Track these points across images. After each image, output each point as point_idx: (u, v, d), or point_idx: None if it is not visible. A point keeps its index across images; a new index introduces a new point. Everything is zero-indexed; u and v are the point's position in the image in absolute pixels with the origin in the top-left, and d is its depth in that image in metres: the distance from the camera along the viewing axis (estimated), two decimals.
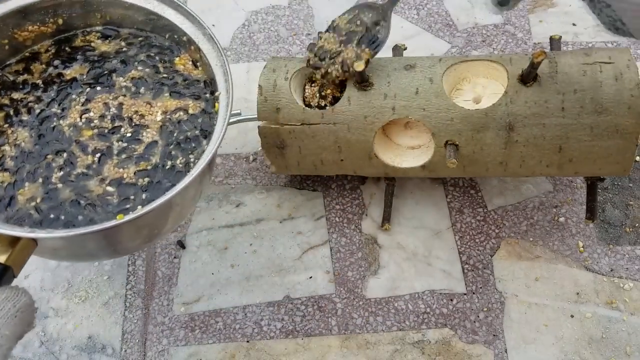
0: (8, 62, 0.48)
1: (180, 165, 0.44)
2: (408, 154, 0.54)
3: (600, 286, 0.56)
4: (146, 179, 0.43)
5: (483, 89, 0.53)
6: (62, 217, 0.40)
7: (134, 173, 0.43)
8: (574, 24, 0.72)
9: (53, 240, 0.37)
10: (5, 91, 0.46)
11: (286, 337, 0.55)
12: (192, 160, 0.44)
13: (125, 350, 0.55)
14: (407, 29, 0.72)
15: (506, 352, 0.53)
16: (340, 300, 0.56)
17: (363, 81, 0.50)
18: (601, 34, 0.71)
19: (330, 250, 0.59)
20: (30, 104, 0.46)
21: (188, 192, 0.42)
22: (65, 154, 0.43)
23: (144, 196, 0.42)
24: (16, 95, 0.46)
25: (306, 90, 0.54)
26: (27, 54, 0.48)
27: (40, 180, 0.42)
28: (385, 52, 0.54)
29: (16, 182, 0.41)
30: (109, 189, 0.42)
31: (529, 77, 0.48)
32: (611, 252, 0.57)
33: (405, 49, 0.58)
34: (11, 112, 0.45)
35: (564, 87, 0.49)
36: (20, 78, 0.47)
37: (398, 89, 0.51)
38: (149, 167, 0.43)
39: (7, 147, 0.43)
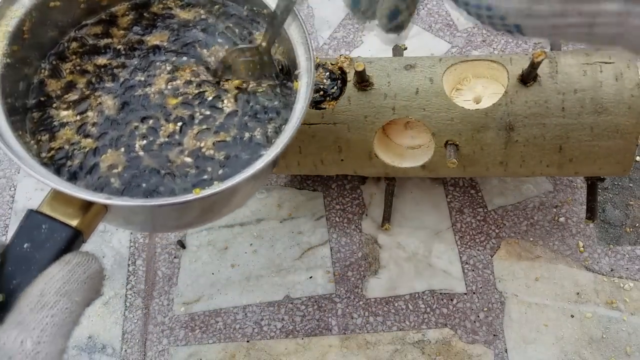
0: (84, 23, 0.46)
1: (259, 137, 0.42)
2: (408, 153, 0.54)
3: (601, 286, 0.56)
4: (222, 153, 0.41)
5: (483, 89, 0.52)
6: (144, 185, 0.39)
7: (213, 144, 0.41)
8: None
9: (125, 208, 0.37)
10: (89, 56, 0.45)
11: (286, 337, 0.55)
12: (269, 131, 0.42)
13: (126, 350, 0.55)
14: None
15: (506, 352, 0.53)
16: (340, 300, 0.56)
17: (363, 81, 0.50)
18: None
19: (331, 250, 0.59)
20: (115, 70, 0.44)
21: (266, 169, 0.41)
22: (151, 121, 0.42)
23: (220, 172, 0.40)
24: (100, 61, 0.44)
25: None
26: (104, 17, 0.46)
27: (123, 148, 0.41)
28: (385, 52, 0.54)
29: (98, 148, 0.40)
30: (187, 160, 0.41)
31: (529, 77, 0.48)
32: (611, 252, 0.57)
33: (406, 48, 0.58)
34: (93, 80, 0.43)
35: (564, 87, 0.49)
36: (102, 42, 0.45)
37: (398, 89, 0.51)
38: (227, 139, 0.42)
39: (90, 113, 0.42)
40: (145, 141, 0.41)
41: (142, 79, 0.44)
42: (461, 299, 0.56)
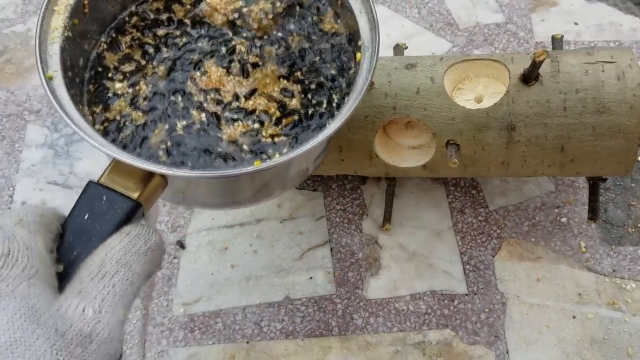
0: None
1: (324, 107, 0.41)
2: (409, 153, 0.54)
3: (602, 287, 0.55)
4: (282, 137, 0.40)
5: (484, 89, 0.52)
6: (189, 165, 0.38)
7: (276, 132, 0.40)
8: (576, 23, 0.72)
9: (186, 180, 0.36)
10: (149, 29, 0.44)
11: (286, 338, 0.54)
12: (335, 100, 0.41)
13: (125, 351, 0.54)
14: (408, 28, 0.72)
15: (507, 353, 0.53)
16: (340, 301, 0.56)
17: None
18: (603, 34, 0.70)
19: (331, 251, 0.59)
20: (177, 39, 0.43)
21: (326, 142, 0.40)
22: (203, 96, 0.41)
23: (284, 150, 0.39)
24: (160, 32, 0.43)
25: None
26: None
27: (169, 124, 0.40)
28: (386, 52, 0.54)
29: (146, 123, 0.40)
30: (244, 146, 0.39)
31: (530, 76, 0.48)
32: (613, 253, 0.57)
33: (406, 48, 0.58)
34: (150, 50, 0.43)
35: (565, 87, 0.48)
36: (164, 16, 0.44)
37: (399, 89, 0.50)
38: (289, 124, 0.40)
39: (143, 86, 0.41)
40: (191, 119, 0.40)
41: (206, 47, 0.43)
42: (462, 300, 0.55)
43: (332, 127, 0.37)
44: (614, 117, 0.48)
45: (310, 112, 0.41)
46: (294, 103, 0.41)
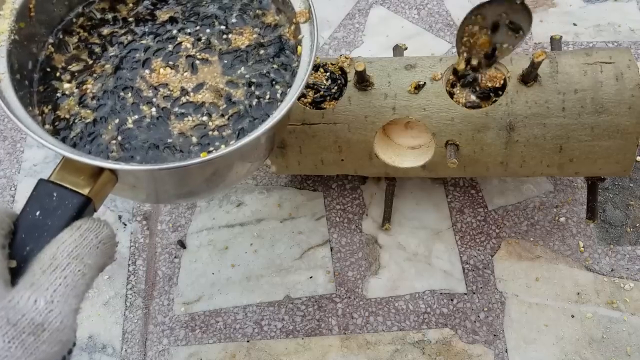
0: (91, 0, 0.46)
1: (267, 98, 0.42)
2: (408, 153, 0.54)
3: (601, 286, 0.56)
4: (228, 131, 0.41)
5: None
6: (137, 158, 0.39)
7: (219, 123, 0.41)
8: (574, 24, 0.72)
9: (135, 174, 0.37)
10: (95, 29, 0.45)
11: (286, 337, 0.55)
12: (279, 92, 0.42)
13: (126, 350, 0.55)
14: (407, 29, 0.72)
15: (506, 352, 0.53)
16: (340, 300, 0.56)
17: (363, 81, 0.50)
18: (602, 34, 0.71)
19: (331, 250, 0.59)
20: (121, 37, 0.44)
21: (269, 134, 0.40)
22: (151, 92, 0.42)
23: (231, 141, 0.40)
24: (106, 31, 0.44)
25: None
26: None
27: (119, 119, 0.41)
28: (385, 52, 0.54)
29: (96, 120, 0.41)
30: (193, 139, 0.40)
31: (529, 77, 0.48)
32: (612, 252, 0.57)
33: (406, 48, 0.58)
34: (97, 50, 0.44)
35: (564, 87, 0.49)
36: (110, 15, 0.45)
37: (398, 89, 0.51)
38: (232, 115, 0.42)
39: (90, 84, 0.42)
40: (136, 116, 0.41)
41: (152, 44, 0.44)
42: (461, 299, 0.56)
43: (274, 118, 0.38)
44: (613, 117, 0.48)
45: (254, 103, 0.42)
46: (239, 95, 0.42)
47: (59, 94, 0.41)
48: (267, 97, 0.42)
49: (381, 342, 0.54)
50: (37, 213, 0.32)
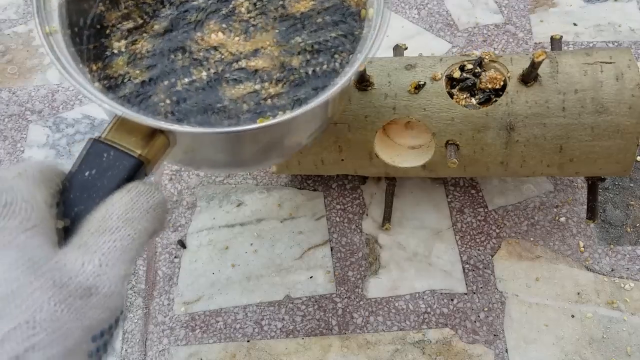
0: None
1: (325, 68, 0.40)
2: (409, 153, 0.54)
3: (601, 286, 0.56)
4: (282, 101, 0.39)
5: None
6: (191, 122, 0.38)
7: (278, 89, 0.40)
8: (574, 24, 0.72)
9: (191, 137, 0.36)
10: None
11: (287, 337, 0.55)
12: (337, 60, 0.40)
13: (126, 350, 0.55)
14: (407, 29, 0.72)
15: (507, 352, 0.53)
16: (340, 300, 0.56)
17: (363, 81, 0.50)
18: (602, 34, 0.71)
19: (331, 250, 0.59)
20: None
21: (332, 102, 0.39)
22: (202, 53, 0.40)
23: (287, 110, 0.39)
24: None
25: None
26: None
27: (167, 83, 0.39)
28: (386, 52, 0.54)
29: (146, 81, 0.39)
30: (244, 106, 0.39)
31: (529, 77, 0.48)
32: (612, 252, 0.57)
33: (406, 48, 0.58)
34: (148, 9, 0.42)
35: (564, 87, 0.49)
36: None
37: (399, 89, 0.51)
38: (289, 83, 0.40)
39: (143, 43, 0.41)
40: (192, 77, 0.40)
41: (204, 5, 0.42)
42: (461, 299, 0.56)
43: (336, 86, 0.36)
44: (613, 117, 0.48)
45: (311, 72, 0.40)
46: (295, 63, 0.41)
47: (108, 52, 0.40)
48: (325, 66, 0.40)
49: (381, 342, 0.54)
50: (88, 173, 0.30)
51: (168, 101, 0.38)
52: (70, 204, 0.30)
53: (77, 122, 0.68)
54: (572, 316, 0.54)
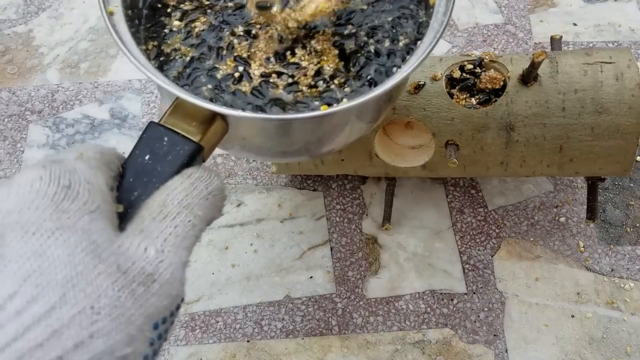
0: None
1: (387, 47, 0.39)
2: (409, 153, 0.54)
3: (601, 286, 0.56)
4: (347, 88, 0.38)
5: None
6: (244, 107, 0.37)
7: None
8: (574, 24, 0.72)
9: (250, 123, 0.35)
10: None
11: (286, 337, 0.55)
12: (401, 41, 0.39)
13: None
14: None
15: (507, 352, 0.53)
16: (340, 300, 0.56)
17: None
18: (602, 34, 0.71)
19: (331, 250, 0.59)
20: None
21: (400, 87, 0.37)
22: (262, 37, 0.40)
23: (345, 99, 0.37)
24: None
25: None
26: None
27: (209, 63, 0.39)
28: None
29: (194, 58, 0.39)
30: (289, 96, 0.38)
31: (529, 77, 0.48)
32: (612, 252, 0.57)
33: None
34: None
35: (564, 87, 0.49)
36: None
37: None
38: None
39: (198, 23, 0.40)
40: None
41: None
42: (461, 299, 0.56)
43: (405, 69, 0.35)
44: (613, 117, 0.48)
45: (372, 53, 0.39)
46: (353, 46, 0.39)
47: (167, 30, 0.40)
48: (387, 44, 0.39)
49: (381, 342, 0.54)
50: (147, 157, 0.30)
51: (211, 85, 0.38)
52: (128, 188, 0.29)
53: (77, 122, 0.68)
54: (572, 316, 0.54)
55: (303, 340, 0.55)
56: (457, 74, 0.51)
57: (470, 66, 0.51)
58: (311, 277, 0.57)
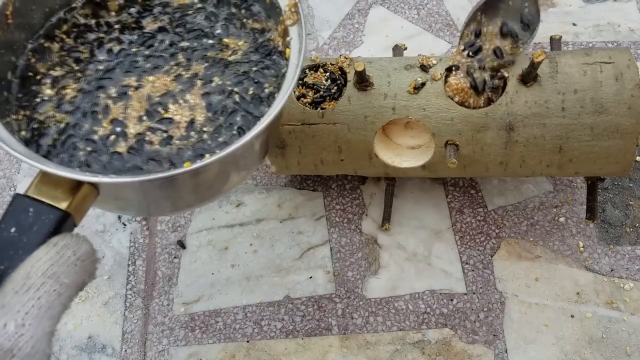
0: (73, 5, 0.44)
1: (251, 94, 0.41)
2: (408, 153, 0.54)
3: (601, 286, 0.56)
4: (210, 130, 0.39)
5: None
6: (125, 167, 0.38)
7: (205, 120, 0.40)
8: (574, 24, 0.72)
9: (115, 187, 0.35)
10: (80, 35, 0.43)
11: (286, 337, 0.55)
12: (266, 88, 0.41)
13: (126, 350, 0.55)
14: (407, 29, 0.72)
15: (506, 352, 0.53)
16: (340, 300, 0.56)
17: (363, 81, 0.50)
18: (601, 34, 0.71)
19: (331, 250, 0.59)
20: (108, 44, 0.43)
21: (260, 137, 0.39)
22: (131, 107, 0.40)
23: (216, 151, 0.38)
24: (92, 37, 0.43)
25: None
26: None
27: (86, 128, 0.39)
28: (385, 52, 0.54)
29: (69, 124, 0.39)
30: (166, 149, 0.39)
31: (529, 77, 0.48)
32: (611, 252, 0.57)
33: (406, 48, 0.58)
34: (82, 57, 0.42)
35: (564, 87, 0.49)
36: (92, 21, 0.44)
37: (398, 89, 0.51)
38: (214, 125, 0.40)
39: (69, 90, 0.41)
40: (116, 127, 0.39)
41: (144, 51, 0.43)
42: (461, 299, 0.56)
43: (259, 126, 0.36)
44: (612, 117, 0.48)
45: (239, 98, 0.41)
46: (228, 104, 0.41)
47: (38, 99, 0.40)
48: (250, 92, 0.41)
49: (381, 342, 0.54)
50: (13, 230, 0.30)
51: (89, 148, 0.38)
52: None
53: None
54: (572, 316, 0.54)
55: (303, 340, 0.55)
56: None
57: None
58: (311, 277, 0.57)
